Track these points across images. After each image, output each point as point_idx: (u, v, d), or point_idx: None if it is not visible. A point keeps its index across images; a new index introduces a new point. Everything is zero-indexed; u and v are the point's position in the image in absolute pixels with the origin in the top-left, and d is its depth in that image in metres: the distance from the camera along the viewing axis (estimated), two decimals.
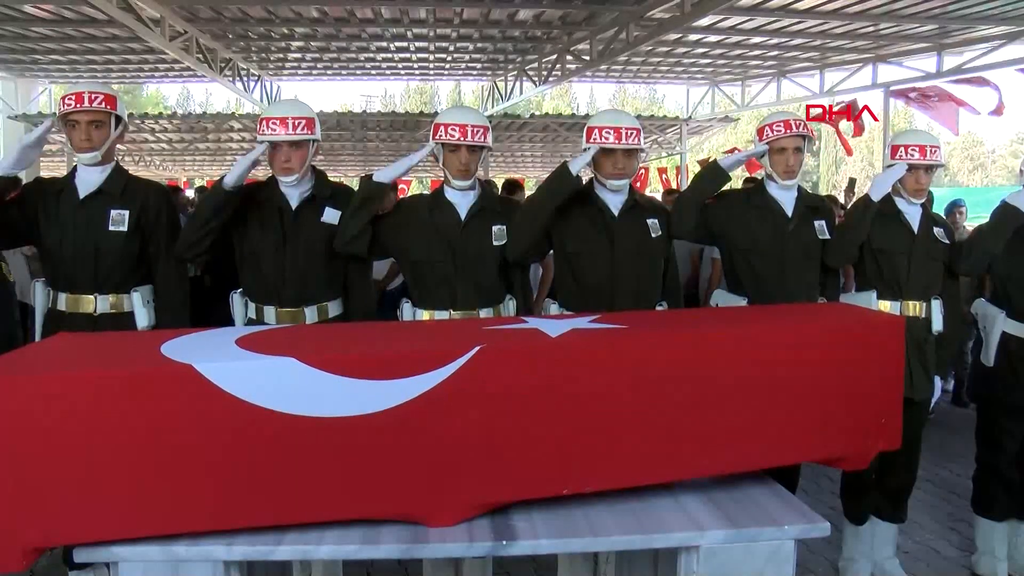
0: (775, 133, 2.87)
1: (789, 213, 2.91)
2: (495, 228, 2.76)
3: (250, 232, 2.75)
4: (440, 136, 2.68)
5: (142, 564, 1.64)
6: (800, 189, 2.99)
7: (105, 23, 8.46)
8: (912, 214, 2.95)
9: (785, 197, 2.92)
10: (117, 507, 1.61)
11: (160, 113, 15.22)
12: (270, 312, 2.73)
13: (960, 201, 6.50)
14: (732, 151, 12.87)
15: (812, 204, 2.98)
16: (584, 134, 2.82)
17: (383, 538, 1.71)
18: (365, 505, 1.73)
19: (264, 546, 1.67)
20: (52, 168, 14.69)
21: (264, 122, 2.68)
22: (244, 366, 1.67)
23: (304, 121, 2.68)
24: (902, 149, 2.91)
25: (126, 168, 2.94)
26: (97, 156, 2.73)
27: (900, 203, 2.96)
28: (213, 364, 1.64)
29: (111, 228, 2.75)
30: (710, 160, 3.05)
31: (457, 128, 2.66)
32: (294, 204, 2.75)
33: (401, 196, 5.20)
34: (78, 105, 2.67)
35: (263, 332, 2.05)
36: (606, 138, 2.74)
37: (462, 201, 2.76)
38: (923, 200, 2.97)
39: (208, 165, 18.76)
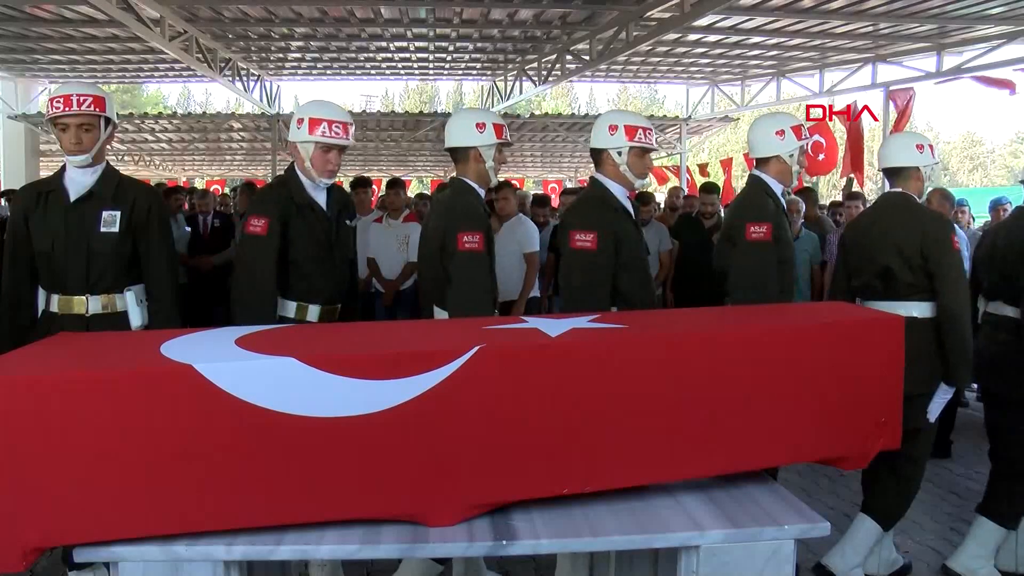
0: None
1: None
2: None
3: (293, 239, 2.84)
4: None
5: (142, 564, 1.64)
6: None
7: (105, 23, 8.47)
8: None
9: None
10: (117, 507, 1.61)
11: (160, 113, 15.21)
12: (314, 311, 2.83)
13: (963, 201, 6.50)
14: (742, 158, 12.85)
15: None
16: (623, 131, 2.74)
17: (383, 538, 1.71)
18: (365, 505, 1.73)
19: (264, 546, 1.67)
20: (53, 168, 14.68)
21: (326, 123, 2.74)
22: (244, 366, 1.67)
23: (342, 125, 2.79)
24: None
25: (124, 168, 2.96)
26: (87, 159, 2.69)
27: None
28: (213, 364, 1.64)
29: (103, 230, 2.72)
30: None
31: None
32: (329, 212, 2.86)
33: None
34: (67, 108, 2.62)
35: (263, 332, 2.05)
36: (649, 139, 2.76)
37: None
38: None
39: (208, 165, 18.77)
